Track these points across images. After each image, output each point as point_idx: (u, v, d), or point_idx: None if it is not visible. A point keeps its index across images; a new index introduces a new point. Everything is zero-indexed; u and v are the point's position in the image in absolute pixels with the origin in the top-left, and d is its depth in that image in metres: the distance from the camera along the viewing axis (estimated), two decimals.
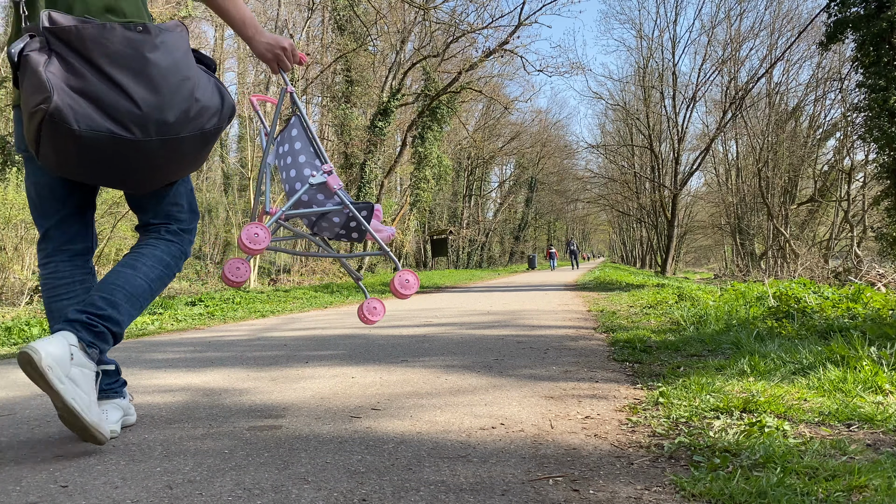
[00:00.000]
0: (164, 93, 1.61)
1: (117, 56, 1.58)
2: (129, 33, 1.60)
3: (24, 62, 1.54)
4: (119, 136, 1.57)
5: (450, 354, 3.47)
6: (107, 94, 1.56)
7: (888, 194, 12.79)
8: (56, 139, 1.55)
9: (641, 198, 33.83)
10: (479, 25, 20.76)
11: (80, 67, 1.56)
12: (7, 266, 11.63)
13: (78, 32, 1.56)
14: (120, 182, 1.72)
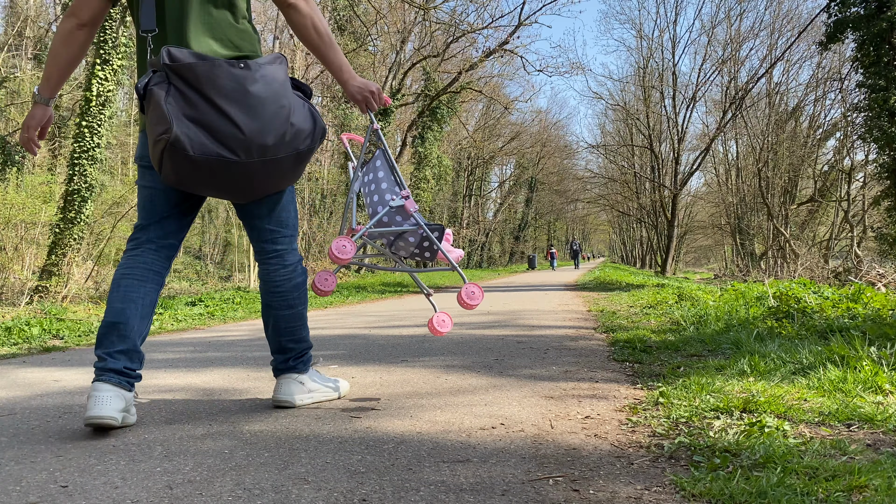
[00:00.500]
0: (263, 119, 1.87)
1: (224, 89, 1.84)
2: (233, 70, 1.86)
3: (149, 95, 1.84)
4: (227, 158, 1.84)
5: (450, 354, 3.47)
6: (216, 121, 1.82)
7: (888, 194, 12.79)
8: (175, 162, 1.83)
9: (641, 198, 33.84)
10: (479, 25, 20.78)
11: (194, 98, 1.83)
12: (7, 266, 11.63)
13: (192, 69, 1.83)
14: (228, 193, 1.99)
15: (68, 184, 11.62)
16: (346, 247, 2.15)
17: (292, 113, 1.93)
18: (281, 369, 2.21)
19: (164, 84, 1.84)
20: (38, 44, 21.38)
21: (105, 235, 13.50)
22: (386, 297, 11.00)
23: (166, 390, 2.60)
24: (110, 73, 11.70)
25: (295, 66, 22.34)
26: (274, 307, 2.17)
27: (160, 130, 1.80)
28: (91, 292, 12.41)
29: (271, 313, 2.18)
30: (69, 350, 4.26)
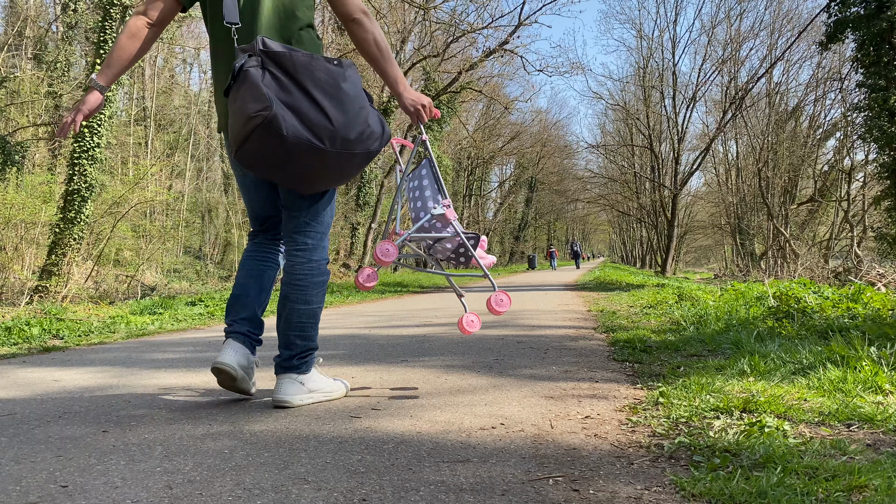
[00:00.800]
0: (349, 115, 1.98)
1: (320, 81, 1.96)
2: (329, 65, 2.00)
3: (244, 75, 1.91)
4: (314, 144, 1.93)
5: (450, 354, 3.47)
6: (308, 109, 1.92)
7: (888, 194, 12.79)
8: (265, 140, 1.90)
9: (641, 198, 33.83)
10: (479, 25, 20.77)
11: (289, 85, 1.93)
12: (7, 266, 11.64)
13: (290, 57, 1.94)
14: (296, 182, 2.09)
15: (68, 184, 11.62)
16: (390, 250, 2.33)
17: (369, 115, 2.06)
18: (284, 367, 2.22)
19: (259, 67, 1.92)
20: (38, 44, 21.37)
21: (105, 235, 13.50)
22: (386, 297, 11.01)
23: (166, 390, 2.60)
24: None
25: None
26: (291, 300, 2.22)
27: (257, 108, 1.86)
28: (91, 292, 12.42)
29: (287, 306, 2.22)
30: (69, 350, 4.26)
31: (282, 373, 2.23)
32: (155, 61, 26.89)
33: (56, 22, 22.22)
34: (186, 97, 30.34)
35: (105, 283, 14.47)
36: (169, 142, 25.95)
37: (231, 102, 1.97)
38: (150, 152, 22.95)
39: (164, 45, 24.47)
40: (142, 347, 4.23)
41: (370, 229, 21.62)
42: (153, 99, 25.72)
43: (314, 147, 1.93)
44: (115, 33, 11.64)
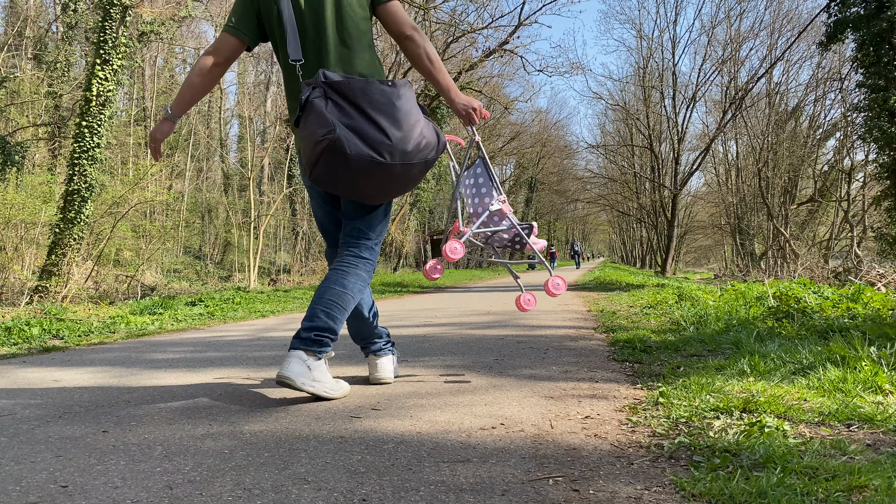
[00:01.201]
0: (405, 129, 2.17)
1: (376, 102, 2.15)
2: (383, 87, 2.19)
3: (310, 106, 2.14)
4: (376, 159, 2.12)
5: (450, 354, 3.47)
6: (367, 129, 2.12)
7: (888, 194, 12.79)
8: (332, 161, 2.12)
9: (641, 198, 33.84)
10: (479, 25, 20.77)
11: (349, 109, 2.14)
12: (7, 266, 11.64)
13: (349, 85, 2.16)
14: (363, 194, 2.28)
15: (68, 184, 11.62)
16: (458, 248, 2.57)
17: (424, 127, 2.25)
18: (300, 338, 2.23)
19: (322, 97, 2.15)
20: (38, 44, 21.38)
21: (105, 235, 13.50)
22: (386, 297, 11.01)
23: (166, 390, 2.60)
24: (110, 73, 11.70)
25: None
26: (330, 281, 2.34)
27: (323, 132, 2.10)
28: (91, 292, 12.42)
29: (324, 285, 2.35)
30: (69, 350, 4.26)
31: (295, 347, 2.23)
32: (155, 61, 26.90)
33: (56, 22, 22.22)
34: None
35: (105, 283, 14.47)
36: (169, 142, 25.95)
37: (301, 131, 2.19)
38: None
39: (164, 45, 24.47)
40: (142, 347, 4.23)
41: None
42: (153, 99, 25.73)
43: (376, 161, 2.12)
44: (114, 33, 11.65)
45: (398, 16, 2.38)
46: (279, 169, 22.92)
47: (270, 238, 25.55)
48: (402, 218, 27.76)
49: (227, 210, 25.43)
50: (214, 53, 2.36)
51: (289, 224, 24.23)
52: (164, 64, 29.15)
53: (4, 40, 19.71)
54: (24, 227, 12.10)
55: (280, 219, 23.99)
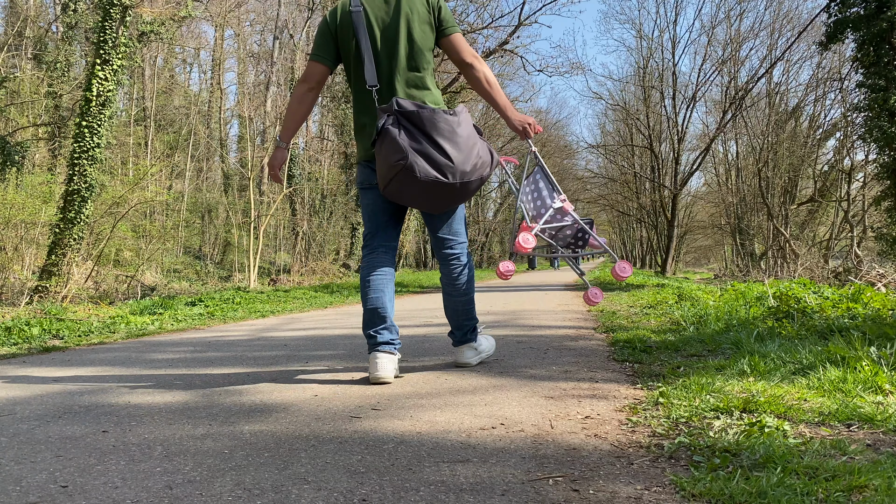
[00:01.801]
0: (465, 153, 2.52)
1: (441, 130, 2.49)
2: (447, 116, 2.53)
3: (385, 132, 2.48)
4: (441, 180, 2.48)
5: (450, 354, 3.47)
6: (434, 154, 2.47)
7: (888, 194, 12.79)
8: (404, 182, 2.48)
9: (641, 198, 33.80)
10: (479, 25, 20.77)
11: (418, 136, 2.48)
12: (7, 266, 11.64)
13: (419, 115, 2.49)
14: (429, 206, 2.66)
15: (68, 184, 11.62)
16: (530, 239, 2.83)
17: (480, 149, 2.60)
18: (461, 341, 2.96)
19: (396, 125, 2.48)
20: (38, 44, 21.37)
21: (105, 235, 13.50)
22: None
23: (166, 390, 2.60)
24: (110, 73, 11.70)
25: (295, 67, 22.35)
26: (454, 296, 2.88)
27: (397, 158, 2.45)
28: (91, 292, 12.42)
29: (451, 300, 2.89)
30: (69, 350, 4.26)
31: (460, 345, 2.97)
32: (155, 61, 26.90)
33: (56, 22, 22.22)
34: (186, 97, 30.34)
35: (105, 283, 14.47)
36: (169, 142, 25.95)
37: (377, 152, 2.54)
38: (150, 152, 22.96)
39: (164, 45, 24.47)
40: (141, 347, 4.23)
41: None
42: (153, 99, 25.72)
43: (440, 182, 2.48)
44: (114, 33, 11.65)
45: (461, 46, 2.77)
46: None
47: (270, 238, 25.55)
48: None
49: (227, 210, 25.42)
50: (306, 80, 2.77)
51: (289, 224, 24.23)
52: (164, 64, 29.15)
53: (4, 40, 19.70)
54: (24, 227, 12.10)
55: (280, 219, 23.99)
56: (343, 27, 2.72)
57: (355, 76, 2.73)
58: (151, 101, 25.55)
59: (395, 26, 2.69)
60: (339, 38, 2.74)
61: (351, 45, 2.72)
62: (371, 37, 2.69)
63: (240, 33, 29.42)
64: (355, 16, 2.70)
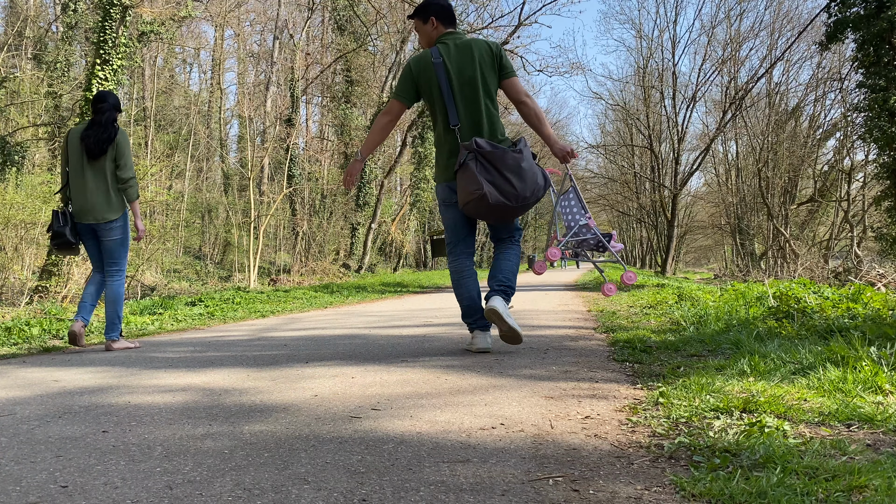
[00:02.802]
0: (526, 182, 3.21)
1: (508, 165, 3.18)
2: (513, 154, 3.22)
3: (466, 166, 3.19)
4: (507, 204, 3.19)
5: (450, 354, 3.47)
6: (502, 184, 3.17)
7: (888, 194, 12.79)
8: (479, 204, 3.20)
9: (641, 198, 33.80)
10: (480, 25, 20.77)
11: (490, 169, 3.17)
12: (7, 266, 11.63)
13: (493, 153, 3.18)
14: (496, 220, 3.41)
15: None
16: (555, 252, 3.81)
17: (537, 176, 3.26)
18: (498, 290, 3.36)
19: (474, 160, 3.18)
20: (38, 44, 21.37)
21: None
22: (386, 297, 11.01)
23: (166, 390, 2.60)
24: (110, 73, 11.69)
25: (295, 67, 22.35)
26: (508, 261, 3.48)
27: (474, 188, 3.15)
28: None
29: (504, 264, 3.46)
30: (69, 350, 4.26)
31: (496, 294, 3.34)
32: (155, 61, 26.89)
33: (56, 22, 22.23)
34: (186, 97, 30.34)
35: None
36: (169, 142, 25.94)
37: (459, 179, 3.26)
38: (150, 152, 22.95)
39: (164, 45, 24.47)
40: (142, 347, 4.23)
41: (370, 229, 21.61)
42: (153, 99, 25.72)
43: (506, 205, 3.20)
44: (114, 33, 11.65)
45: (517, 87, 3.38)
46: (279, 169, 22.92)
47: (270, 238, 25.54)
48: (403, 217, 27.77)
49: (227, 210, 25.41)
50: (388, 114, 3.41)
51: (289, 224, 24.23)
52: (164, 64, 29.14)
53: (4, 40, 19.70)
54: (24, 227, 12.09)
55: (280, 219, 23.99)
56: (425, 75, 3.33)
57: (440, 113, 3.37)
58: (151, 101, 25.54)
59: (472, 74, 3.30)
60: (420, 84, 3.36)
61: (433, 91, 3.34)
62: (450, 85, 3.30)
63: (240, 33, 29.42)
64: (437, 67, 3.29)
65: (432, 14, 3.42)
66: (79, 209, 4.14)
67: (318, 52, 25.69)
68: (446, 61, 3.29)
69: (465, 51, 3.31)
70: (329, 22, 26.01)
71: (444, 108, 3.31)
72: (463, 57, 3.30)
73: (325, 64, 24.18)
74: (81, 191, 4.11)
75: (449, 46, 3.34)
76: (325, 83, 26.96)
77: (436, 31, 3.43)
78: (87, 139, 4.07)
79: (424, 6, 3.47)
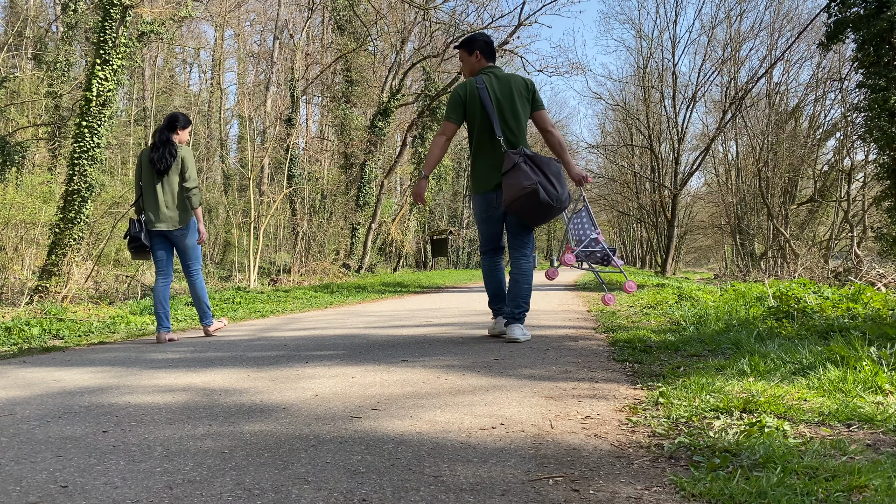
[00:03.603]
0: (563, 188, 3.73)
1: (553, 171, 3.73)
2: (556, 164, 3.79)
3: (517, 167, 3.67)
4: (551, 203, 3.67)
5: (450, 354, 3.47)
6: (547, 185, 3.67)
7: (888, 194, 12.78)
8: (528, 200, 3.66)
9: (641, 198, 33.81)
10: (480, 25, 20.76)
11: (538, 171, 3.69)
12: (7, 266, 11.63)
13: (539, 158, 3.75)
14: (534, 220, 3.87)
15: (68, 184, 11.61)
16: (570, 258, 4.20)
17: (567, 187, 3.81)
18: (514, 318, 3.90)
19: (524, 162, 3.71)
20: (38, 44, 21.37)
21: (105, 235, 13.50)
22: (386, 297, 11.00)
23: (166, 390, 2.60)
24: (110, 73, 11.70)
25: (295, 67, 22.35)
26: (520, 283, 3.93)
27: (528, 183, 3.63)
28: (91, 292, 12.41)
29: (517, 286, 3.92)
30: (69, 350, 4.26)
31: (512, 323, 3.89)
32: (155, 61, 26.89)
33: (56, 22, 22.23)
34: (186, 97, 30.33)
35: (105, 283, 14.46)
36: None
37: (507, 179, 3.71)
38: None
39: (164, 45, 24.47)
40: (141, 347, 4.23)
41: (370, 229, 21.61)
42: (153, 99, 25.72)
43: (550, 205, 3.68)
44: (114, 33, 11.65)
45: (546, 119, 4.01)
46: (279, 169, 22.92)
47: (270, 238, 25.54)
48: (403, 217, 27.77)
49: (227, 210, 25.40)
50: (443, 134, 3.96)
51: (289, 224, 24.22)
52: (164, 64, 29.14)
53: (4, 40, 19.70)
54: (24, 227, 12.10)
55: (280, 219, 23.99)
56: (471, 98, 3.90)
57: (483, 130, 3.91)
58: (151, 101, 25.54)
59: (510, 99, 3.88)
60: (467, 105, 3.92)
61: (477, 110, 3.90)
62: (493, 105, 3.87)
63: (240, 33, 29.42)
64: (482, 90, 3.88)
65: (477, 48, 3.99)
66: (151, 218, 4.63)
67: (318, 52, 25.69)
68: (489, 87, 3.88)
69: (504, 81, 3.91)
70: (329, 22, 26.02)
71: (490, 123, 3.87)
72: (503, 86, 3.89)
73: (325, 64, 24.19)
74: (154, 202, 4.61)
75: (491, 77, 3.92)
76: (325, 83, 26.96)
77: (479, 64, 4.00)
78: (153, 160, 4.61)
79: (470, 40, 4.02)
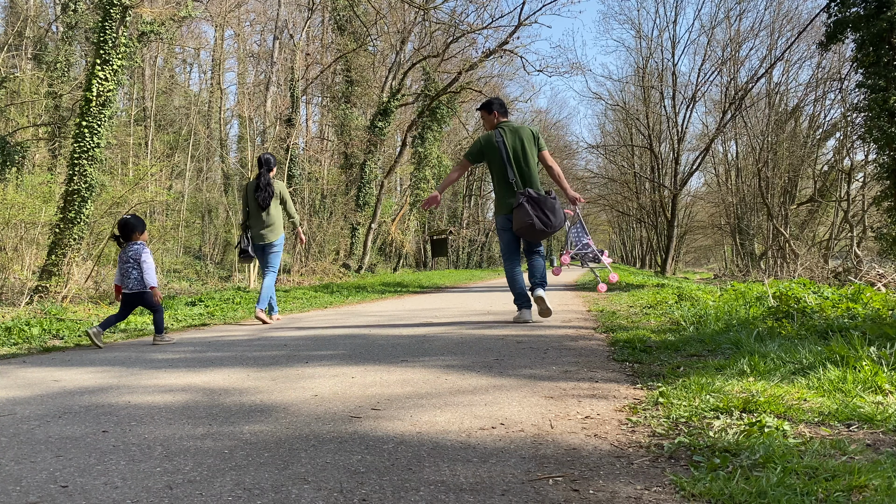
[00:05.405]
0: (557, 218, 4.99)
1: (548, 206, 4.97)
2: (551, 200, 5.00)
3: (521, 205, 4.95)
4: (545, 230, 4.96)
5: (450, 354, 3.47)
6: (543, 217, 4.94)
7: (888, 194, 12.77)
8: (528, 229, 4.96)
9: (641, 198, 33.80)
10: (479, 26, 20.76)
11: (536, 207, 4.95)
12: (7, 266, 11.63)
13: (537, 198, 4.98)
14: (535, 238, 5.11)
15: (68, 184, 11.61)
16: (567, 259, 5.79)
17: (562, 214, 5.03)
18: (539, 284, 5.12)
19: (527, 202, 4.93)
20: (38, 44, 21.37)
21: (105, 235, 13.49)
22: (386, 297, 11.00)
23: (166, 390, 2.60)
24: (110, 73, 11.69)
25: (295, 67, 22.34)
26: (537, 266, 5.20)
27: (527, 219, 4.88)
28: (91, 292, 12.40)
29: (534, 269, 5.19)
30: (69, 350, 4.26)
31: (537, 287, 5.10)
32: (155, 61, 26.88)
33: (56, 22, 22.23)
34: (186, 97, 30.33)
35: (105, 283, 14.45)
36: (169, 142, 25.93)
37: (516, 212, 4.96)
38: (150, 152, 22.94)
39: (164, 45, 24.46)
40: (142, 347, 4.23)
41: (370, 229, 21.61)
42: (153, 99, 25.71)
43: (545, 231, 4.93)
44: (114, 33, 11.65)
45: (548, 157, 5.22)
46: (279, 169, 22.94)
47: None
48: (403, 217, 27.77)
49: (227, 210, 25.40)
50: (458, 169, 5.41)
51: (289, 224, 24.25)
52: (164, 64, 29.13)
53: (4, 40, 19.70)
54: (24, 227, 12.09)
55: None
56: (489, 148, 5.15)
57: (502, 173, 5.11)
58: (151, 101, 25.54)
59: (522, 148, 5.11)
60: (485, 153, 5.17)
61: (496, 158, 5.13)
62: (507, 153, 5.09)
63: (240, 33, 29.42)
64: (499, 143, 5.11)
65: (495, 108, 5.29)
66: (255, 235, 6.23)
67: (318, 52, 25.68)
68: (504, 139, 5.12)
69: (516, 133, 5.14)
70: (329, 22, 26.00)
71: (505, 169, 5.09)
72: (515, 137, 5.13)
73: (325, 64, 24.18)
74: (258, 224, 6.20)
75: (506, 130, 5.16)
76: (325, 83, 26.96)
77: (497, 120, 5.28)
78: (257, 197, 6.14)
79: (489, 103, 5.31)
